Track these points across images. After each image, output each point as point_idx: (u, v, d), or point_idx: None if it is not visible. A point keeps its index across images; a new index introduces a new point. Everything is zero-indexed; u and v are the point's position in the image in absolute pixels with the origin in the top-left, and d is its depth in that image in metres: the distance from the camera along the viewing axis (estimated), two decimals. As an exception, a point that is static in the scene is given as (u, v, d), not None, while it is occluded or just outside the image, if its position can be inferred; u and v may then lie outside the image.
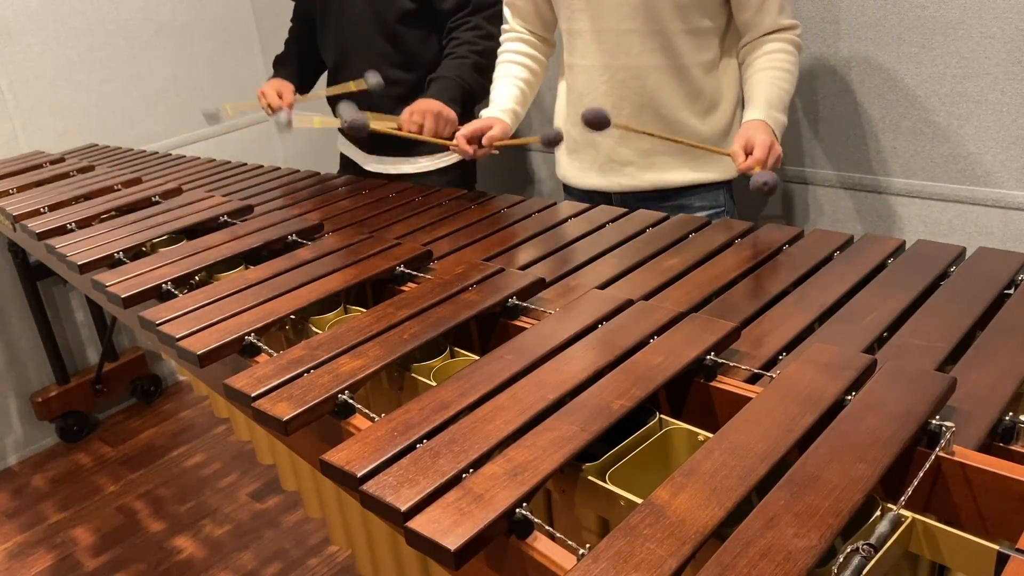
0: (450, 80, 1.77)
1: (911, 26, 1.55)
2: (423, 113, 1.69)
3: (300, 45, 2.11)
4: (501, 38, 1.69)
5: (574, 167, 1.65)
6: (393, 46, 1.90)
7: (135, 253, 1.43)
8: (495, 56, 1.85)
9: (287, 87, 1.98)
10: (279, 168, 2.05)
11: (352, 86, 1.87)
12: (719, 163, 1.54)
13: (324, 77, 2.13)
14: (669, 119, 1.50)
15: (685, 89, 1.49)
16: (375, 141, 1.94)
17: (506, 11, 1.67)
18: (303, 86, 2.11)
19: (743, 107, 1.54)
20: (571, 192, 1.71)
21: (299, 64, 2.10)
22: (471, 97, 1.82)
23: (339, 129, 1.94)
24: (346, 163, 2.14)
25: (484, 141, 1.55)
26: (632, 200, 1.58)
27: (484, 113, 1.61)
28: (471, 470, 0.72)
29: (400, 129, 1.72)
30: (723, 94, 1.52)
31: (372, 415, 0.84)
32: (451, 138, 1.68)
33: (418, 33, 1.89)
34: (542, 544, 0.66)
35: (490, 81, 1.83)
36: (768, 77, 1.43)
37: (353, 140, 2.06)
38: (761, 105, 1.41)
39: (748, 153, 1.33)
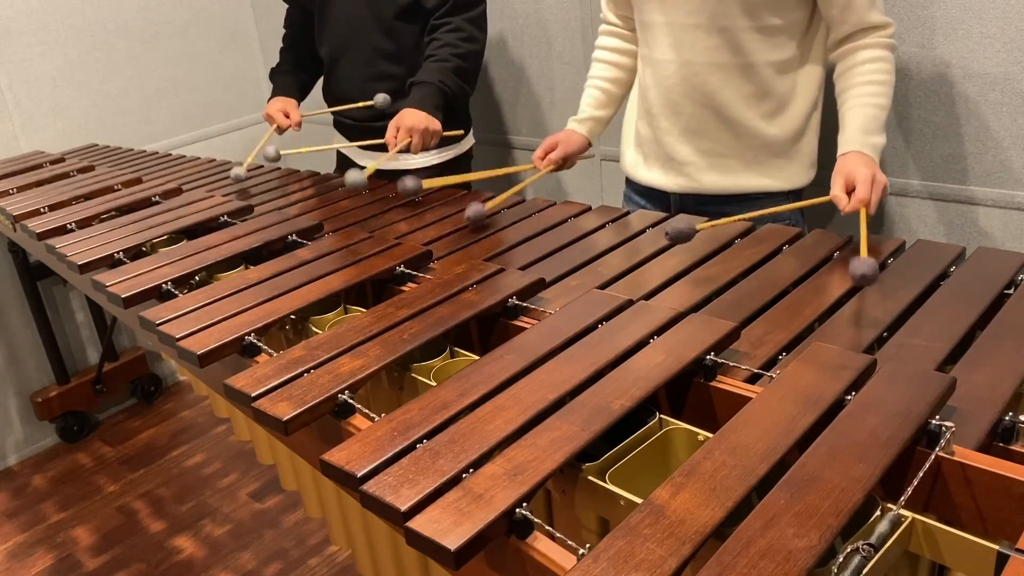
0: (432, 87, 1.79)
1: (911, 26, 1.55)
2: (409, 131, 1.74)
3: (296, 51, 2.11)
4: (599, 30, 1.64)
5: (638, 160, 1.59)
6: (389, 41, 1.91)
7: (135, 253, 1.43)
8: (477, 59, 1.87)
9: (291, 104, 1.99)
10: (279, 168, 2.05)
11: (360, 104, 1.93)
12: (786, 170, 1.47)
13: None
14: (731, 120, 1.44)
15: (751, 89, 1.41)
16: (369, 137, 1.95)
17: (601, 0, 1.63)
18: (304, 91, 2.11)
19: (819, 109, 1.47)
20: (631, 185, 1.65)
21: (296, 71, 2.09)
22: (452, 102, 1.84)
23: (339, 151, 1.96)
24: (342, 160, 2.14)
25: (545, 164, 1.58)
26: (691, 203, 1.51)
27: (571, 122, 1.62)
28: (471, 470, 0.72)
29: (387, 149, 1.77)
30: (796, 95, 1.43)
31: (372, 415, 0.84)
32: (436, 147, 1.77)
33: (413, 28, 1.90)
34: (542, 544, 0.66)
35: (471, 84, 1.88)
36: (861, 96, 1.34)
37: (347, 136, 2.08)
38: (855, 133, 1.32)
39: (850, 192, 1.23)
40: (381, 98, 1.90)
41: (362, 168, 2.03)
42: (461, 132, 1.94)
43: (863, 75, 1.35)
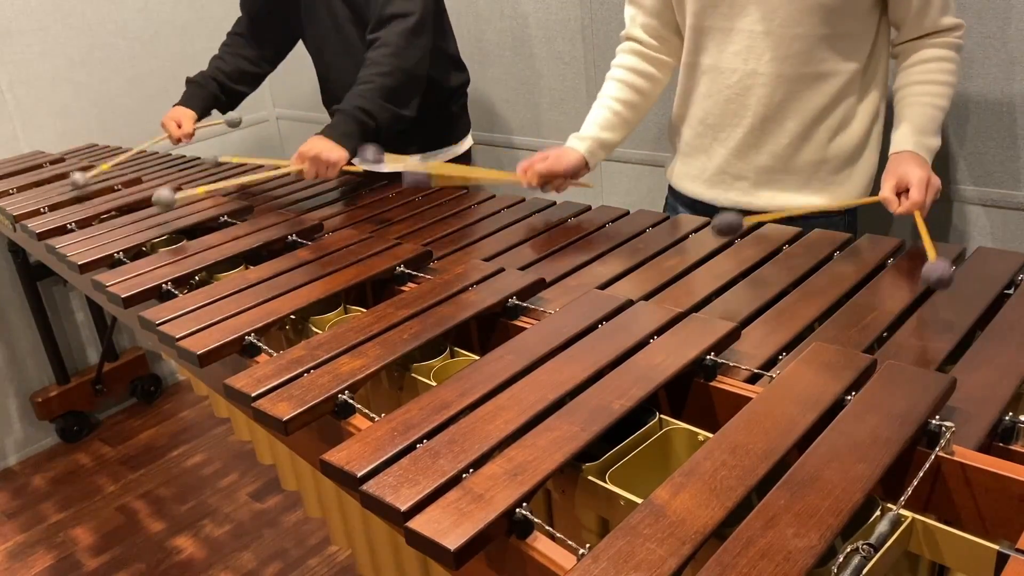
0: (346, 115, 1.66)
1: (911, 26, 1.55)
2: (302, 157, 1.64)
3: (224, 60, 2.05)
4: (617, 48, 1.53)
5: (682, 172, 1.52)
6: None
7: (135, 253, 1.43)
8: (406, 76, 1.71)
9: (187, 116, 1.93)
10: (279, 168, 2.05)
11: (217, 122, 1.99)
12: (845, 187, 1.39)
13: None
14: (793, 133, 1.36)
15: (818, 101, 1.33)
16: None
17: (628, 12, 1.51)
18: (208, 108, 2.03)
19: (880, 122, 1.40)
20: (676, 196, 1.57)
21: (209, 84, 2.02)
22: (372, 126, 1.69)
23: None
24: None
25: (527, 177, 1.46)
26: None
27: (570, 138, 1.50)
28: (471, 470, 0.72)
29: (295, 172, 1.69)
30: (859, 109, 1.36)
31: (372, 415, 0.84)
32: (335, 177, 1.65)
33: None
34: (542, 544, 0.66)
35: (398, 104, 1.71)
36: (921, 94, 1.28)
37: None
38: (909, 132, 1.26)
39: (901, 194, 1.18)
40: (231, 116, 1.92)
41: (363, 172, 2.03)
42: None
43: (926, 73, 1.29)
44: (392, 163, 1.66)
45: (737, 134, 1.40)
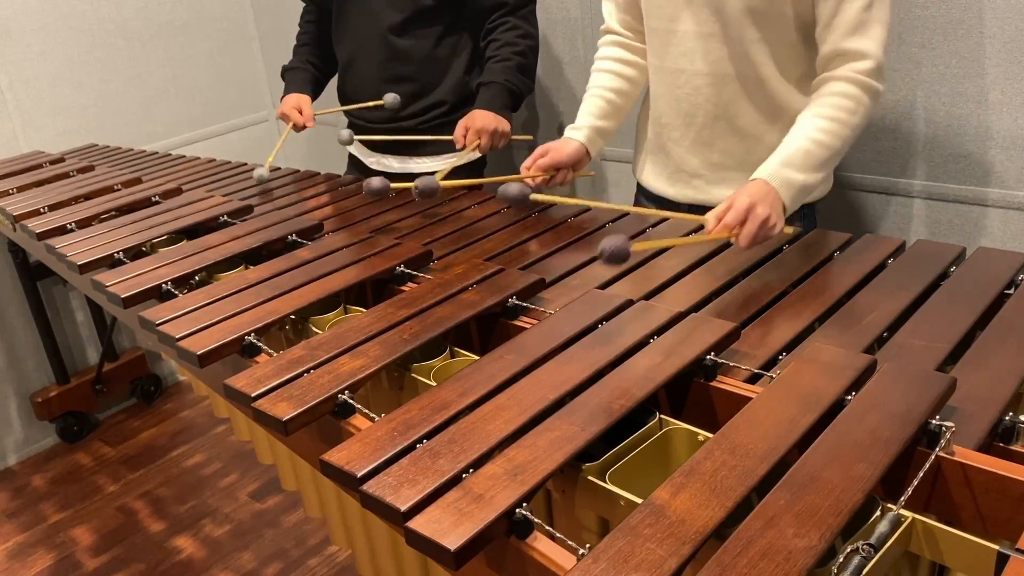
0: (499, 86, 1.81)
1: (911, 26, 1.55)
2: (478, 132, 1.76)
3: (310, 48, 2.09)
4: (598, 42, 1.57)
5: (647, 170, 1.56)
6: (405, 42, 1.89)
7: (135, 253, 1.43)
8: (534, 55, 1.89)
9: (305, 101, 1.97)
10: (279, 168, 2.05)
11: (370, 104, 1.90)
12: None
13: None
14: (745, 133, 1.38)
15: (765, 103, 1.35)
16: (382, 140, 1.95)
17: (605, 7, 1.55)
18: (317, 89, 2.10)
19: None
20: (643, 192, 1.60)
21: (310, 69, 2.08)
22: (519, 99, 1.86)
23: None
24: (353, 161, 2.13)
25: (532, 173, 1.47)
26: (701, 214, 1.41)
27: (566, 131, 1.52)
28: (471, 470, 0.72)
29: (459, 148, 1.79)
30: None
31: (372, 415, 0.84)
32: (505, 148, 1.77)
33: (432, 31, 1.88)
34: (542, 544, 0.66)
35: (532, 80, 1.90)
36: (803, 127, 1.23)
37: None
38: (773, 163, 1.21)
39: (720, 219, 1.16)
40: (391, 98, 1.87)
41: (371, 172, 2.03)
42: (531, 137, 1.92)
43: (819, 107, 1.24)
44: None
45: (690, 133, 1.43)
